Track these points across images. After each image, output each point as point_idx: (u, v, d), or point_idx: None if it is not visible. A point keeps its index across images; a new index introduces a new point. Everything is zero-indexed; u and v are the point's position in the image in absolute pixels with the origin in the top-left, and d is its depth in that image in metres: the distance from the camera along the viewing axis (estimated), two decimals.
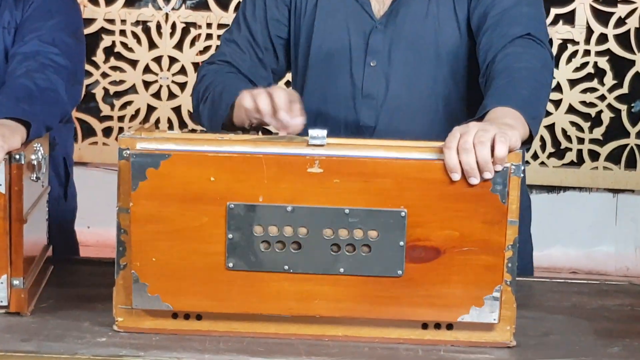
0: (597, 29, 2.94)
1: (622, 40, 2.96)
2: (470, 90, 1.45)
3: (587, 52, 2.96)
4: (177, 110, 3.12)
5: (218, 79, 1.45)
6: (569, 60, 3.01)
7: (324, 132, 1.09)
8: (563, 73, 3.01)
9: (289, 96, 1.25)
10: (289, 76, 1.69)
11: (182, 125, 3.12)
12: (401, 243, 1.06)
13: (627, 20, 2.92)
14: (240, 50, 1.51)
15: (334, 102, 1.49)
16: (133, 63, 3.11)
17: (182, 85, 3.08)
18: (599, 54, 2.98)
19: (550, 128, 3.04)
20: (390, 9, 1.44)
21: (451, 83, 1.46)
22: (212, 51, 2.97)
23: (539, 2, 1.47)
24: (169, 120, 3.11)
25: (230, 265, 1.07)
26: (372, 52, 1.46)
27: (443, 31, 1.44)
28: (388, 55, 1.45)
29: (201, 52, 3.08)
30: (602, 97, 2.99)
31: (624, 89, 2.97)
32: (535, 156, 3.07)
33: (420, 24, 1.45)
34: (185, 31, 3.04)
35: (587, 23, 2.94)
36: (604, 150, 3.05)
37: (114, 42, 3.08)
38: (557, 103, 3.02)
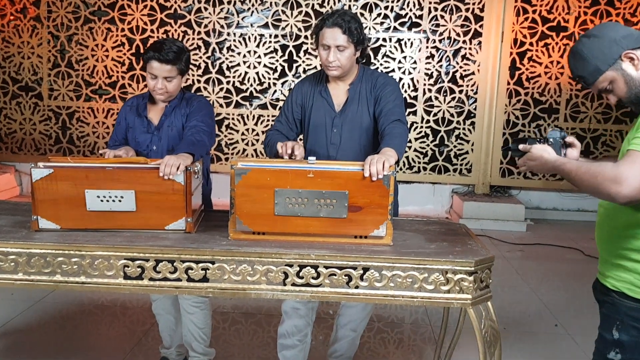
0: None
1: (436, 120, 6.54)
2: (374, 141, 2.52)
3: (422, 127, 6.51)
4: (255, 151, 6.65)
5: (273, 137, 2.55)
6: (414, 130, 6.62)
7: (314, 158, 2.22)
8: (412, 135, 6.56)
9: (296, 144, 2.36)
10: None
11: (257, 156, 6.60)
12: (346, 204, 2.10)
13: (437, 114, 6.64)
14: (282, 124, 2.61)
15: (318, 146, 2.55)
16: (237, 132, 6.68)
17: (255, 141, 6.61)
18: (427, 127, 6.54)
19: (407, 157, 6.55)
20: (342, 109, 2.55)
21: (366, 139, 2.55)
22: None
23: (402, 103, 2.52)
24: (251, 154, 6.65)
25: (276, 213, 2.12)
26: (335, 126, 2.55)
27: (364, 118, 2.53)
28: (341, 127, 2.54)
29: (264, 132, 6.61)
30: (427, 145, 6.60)
31: (437, 141, 6.53)
32: (401, 169, 6.59)
33: (354, 115, 2.53)
34: (259, 119, 6.61)
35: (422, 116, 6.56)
36: (429, 167, 6.64)
37: (229, 122, 6.64)
38: (409, 147, 6.24)
